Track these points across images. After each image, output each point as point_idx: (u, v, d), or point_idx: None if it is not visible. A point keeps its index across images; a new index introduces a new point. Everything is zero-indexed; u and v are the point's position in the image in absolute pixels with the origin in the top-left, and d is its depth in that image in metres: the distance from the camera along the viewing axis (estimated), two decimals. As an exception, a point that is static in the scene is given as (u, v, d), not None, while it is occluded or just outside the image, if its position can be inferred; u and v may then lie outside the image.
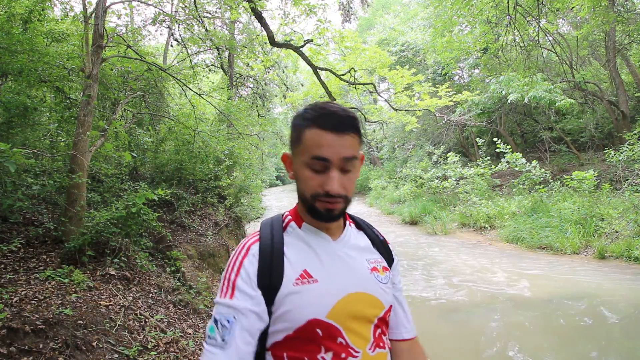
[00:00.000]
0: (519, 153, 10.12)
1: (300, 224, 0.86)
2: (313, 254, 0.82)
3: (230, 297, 0.75)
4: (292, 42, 6.83)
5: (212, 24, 8.36)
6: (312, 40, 6.56)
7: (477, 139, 13.52)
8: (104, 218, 3.45)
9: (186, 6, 6.24)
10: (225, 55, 10.28)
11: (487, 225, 9.50)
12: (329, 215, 0.79)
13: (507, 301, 5.01)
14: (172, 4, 8.46)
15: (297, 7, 6.53)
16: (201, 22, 6.66)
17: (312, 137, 0.75)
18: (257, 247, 0.80)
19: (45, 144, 4.48)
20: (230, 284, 0.77)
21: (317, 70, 6.99)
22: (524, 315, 4.53)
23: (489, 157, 11.96)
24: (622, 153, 8.22)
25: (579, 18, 11.15)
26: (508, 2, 6.22)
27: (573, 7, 8.91)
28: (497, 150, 10.49)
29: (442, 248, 8.50)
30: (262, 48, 8.43)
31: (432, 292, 5.54)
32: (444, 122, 13.84)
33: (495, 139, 11.08)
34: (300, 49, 6.37)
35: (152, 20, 5.57)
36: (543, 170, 9.65)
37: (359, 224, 0.97)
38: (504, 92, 10.76)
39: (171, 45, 9.52)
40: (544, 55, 10.60)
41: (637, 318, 4.31)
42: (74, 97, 4.76)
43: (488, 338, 4.06)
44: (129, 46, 5.10)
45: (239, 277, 0.77)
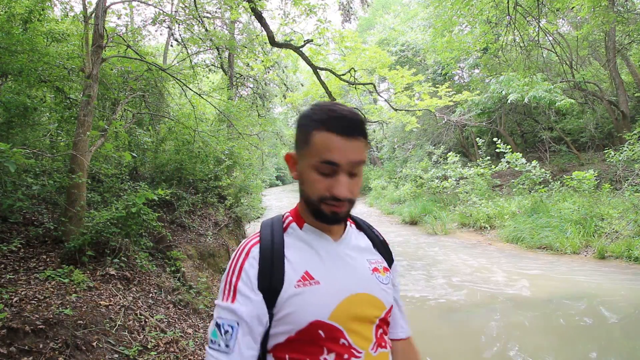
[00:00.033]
0: (519, 153, 10.12)
1: (301, 225, 0.86)
2: (314, 255, 0.82)
3: (232, 301, 0.76)
4: (292, 42, 6.83)
5: (212, 24, 8.36)
6: (312, 40, 6.56)
7: (477, 139, 13.52)
8: (104, 218, 3.45)
9: (186, 6, 6.24)
10: (225, 55, 10.28)
11: (487, 225, 9.50)
12: (335, 218, 0.79)
13: (507, 301, 5.01)
14: (172, 4, 8.47)
15: (297, 7, 6.53)
16: (201, 22, 6.65)
17: (322, 140, 0.74)
18: (257, 249, 0.80)
19: (45, 144, 4.48)
20: (232, 287, 0.77)
21: (317, 70, 6.99)
22: (524, 315, 4.53)
23: (489, 157, 11.95)
24: (622, 153, 8.23)
25: (579, 18, 11.15)
26: (508, 2, 6.22)
27: (573, 7, 8.91)
28: (497, 150, 10.49)
29: (442, 248, 8.49)
30: (262, 48, 8.42)
31: (432, 292, 5.54)
32: (444, 122, 13.83)
33: (495, 139, 11.08)
34: (300, 49, 6.37)
35: (152, 20, 5.57)
36: (543, 170, 9.65)
37: (359, 225, 0.97)
38: (504, 92, 10.76)
39: (171, 45, 9.52)
40: (544, 55, 10.60)
41: (637, 318, 4.32)
42: (74, 97, 4.76)
43: (488, 338, 4.06)
44: (129, 46, 5.10)
45: (240, 280, 0.77)
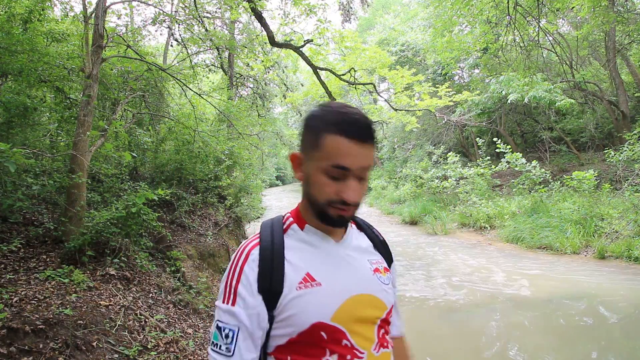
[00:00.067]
0: (519, 153, 10.12)
1: (302, 226, 0.85)
2: (316, 256, 0.82)
3: (233, 304, 0.76)
4: (292, 42, 6.82)
5: (212, 24, 8.35)
6: (312, 40, 6.56)
7: (477, 139, 13.51)
8: (104, 218, 3.45)
9: (186, 6, 6.24)
10: (225, 55, 10.28)
11: (487, 225, 9.50)
12: (341, 222, 0.79)
13: (507, 301, 5.01)
14: (172, 4, 8.47)
15: (297, 7, 6.53)
16: (201, 22, 6.65)
17: (334, 144, 0.73)
18: (257, 252, 0.79)
19: (45, 144, 4.48)
20: (232, 290, 0.77)
21: (317, 70, 6.99)
22: (524, 315, 4.53)
23: (489, 157, 11.95)
24: (622, 153, 8.22)
25: (579, 18, 11.15)
26: (508, 2, 6.22)
27: (573, 7, 8.91)
28: (497, 150, 10.48)
29: (442, 248, 8.49)
30: (262, 48, 8.42)
31: (432, 292, 5.54)
32: (444, 122, 13.83)
33: (495, 139, 11.08)
34: (300, 49, 6.37)
35: (152, 20, 5.57)
36: (543, 170, 9.65)
37: (359, 225, 0.97)
38: (504, 92, 10.76)
39: (171, 45, 9.52)
40: (544, 55, 10.59)
41: (637, 318, 4.32)
42: (74, 97, 4.76)
43: (488, 338, 4.06)
44: (129, 46, 5.10)
45: (240, 283, 0.77)
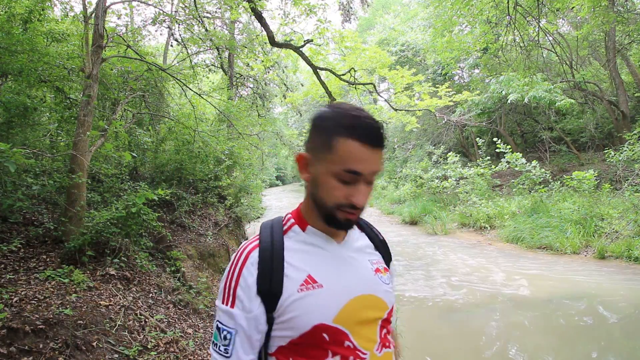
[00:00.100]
0: (519, 153, 10.13)
1: (304, 228, 0.84)
2: (317, 258, 0.81)
3: (232, 306, 0.76)
4: (292, 42, 6.82)
5: (212, 24, 8.35)
6: (312, 40, 6.55)
7: (477, 139, 13.52)
8: (104, 218, 3.45)
9: (186, 6, 6.23)
10: (225, 55, 10.27)
11: (487, 225, 9.50)
12: (348, 225, 0.80)
13: (507, 301, 5.01)
14: (172, 4, 8.46)
15: (297, 7, 6.53)
16: (201, 22, 6.65)
17: (349, 149, 0.73)
18: (256, 254, 0.79)
19: (45, 144, 4.48)
20: (231, 292, 0.77)
21: (317, 70, 6.98)
22: (524, 315, 4.54)
23: (489, 157, 11.96)
24: (622, 153, 8.23)
25: (579, 18, 11.15)
26: (508, 2, 6.21)
27: (573, 7, 8.91)
28: (497, 150, 10.49)
29: (442, 248, 8.49)
30: (262, 48, 8.41)
31: (431, 292, 5.54)
32: (444, 122, 13.82)
33: (495, 139, 11.08)
34: (300, 49, 6.36)
35: (152, 20, 5.57)
36: (543, 170, 9.65)
37: (359, 224, 0.96)
38: (504, 92, 10.76)
39: (171, 45, 9.51)
40: (544, 55, 10.59)
41: (637, 318, 4.32)
42: (74, 97, 4.76)
43: (488, 338, 4.06)
44: (129, 46, 5.09)
45: (239, 287, 0.77)
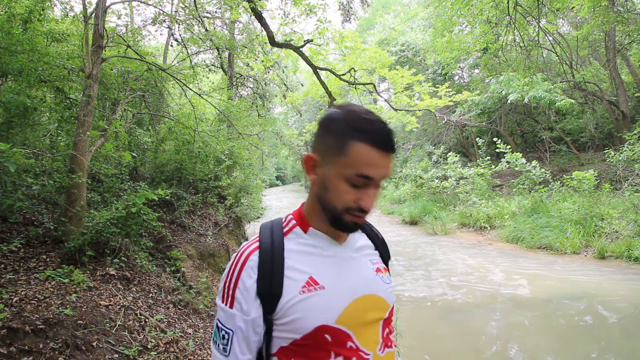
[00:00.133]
0: (519, 153, 10.13)
1: (306, 229, 0.83)
2: (319, 259, 0.81)
3: (231, 306, 0.77)
4: (292, 42, 6.82)
5: (212, 24, 8.35)
6: (312, 40, 6.55)
7: (477, 139, 13.52)
8: (104, 218, 3.45)
9: (186, 6, 6.23)
10: (225, 55, 10.27)
11: (487, 225, 9.50)
12: (354, 228, 0.80)
13: (507, 301, 5.01)
14: (172, 4, 8.47)
15: (297, 7, 6.52)
16: (201, 22, 6.65)
17: (362, 153, 0.72)
18: (256, 256, 0.78)
19: (45, 144, 4.48)
20: (230, 293, 0.78)
21: (317, 70, 6.98)
22: (524, 315, 4.54)
23: (489, 157, 11.96)
24: (622, 153, 8.23)
25: (579, 18, 11.15)
26: (508, 2, 6.21)
27: (573, 7, 8.91)
28: (497, 150, 10.49)
29: (441, 248, 8.49)
30: (262, 48, 8.41)
31: (431, 292, 5.54)
32: (444, 122, 13.82)
33: (495, 139, 11.08)
34: (300, 49, 6.36)
35: (152, 20, 5.57)
36: (543, 170, 9.65)
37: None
38: (504, 92, 10.76)
39: (171, 45, 9.52)
40: (544, 55, 10.59)
41: (637, 318, 4.32)
42: (74, 97, 4.76)
43: (488, 338, 4.06)
44: (129, 46, 5.09)
45: (238, 289, 0.77)
